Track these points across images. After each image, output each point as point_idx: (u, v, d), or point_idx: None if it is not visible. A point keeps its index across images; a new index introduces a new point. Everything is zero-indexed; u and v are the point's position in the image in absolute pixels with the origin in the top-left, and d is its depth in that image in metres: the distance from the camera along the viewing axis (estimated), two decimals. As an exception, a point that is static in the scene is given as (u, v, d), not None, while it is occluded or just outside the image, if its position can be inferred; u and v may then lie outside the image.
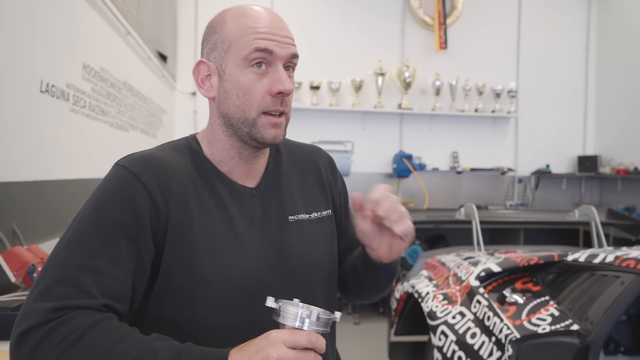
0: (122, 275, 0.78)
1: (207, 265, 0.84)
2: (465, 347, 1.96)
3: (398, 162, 5.15)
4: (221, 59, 0.89)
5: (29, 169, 1.90)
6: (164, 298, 0.84)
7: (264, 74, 0.88)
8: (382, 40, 5.36)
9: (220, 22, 0.91)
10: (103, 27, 2.69)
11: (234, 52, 0.88)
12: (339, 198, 1.10)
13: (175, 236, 0.83)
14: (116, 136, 2.96)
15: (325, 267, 1.00)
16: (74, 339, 0.70)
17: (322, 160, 1.09)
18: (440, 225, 4.80)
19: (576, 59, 5.77)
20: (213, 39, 0.90)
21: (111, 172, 0.86)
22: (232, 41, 0.88)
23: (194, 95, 5.10)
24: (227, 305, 0.85)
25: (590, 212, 3.01)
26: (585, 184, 5.77)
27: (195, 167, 0.91)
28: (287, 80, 0.88)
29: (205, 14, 5.06)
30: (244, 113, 0.88)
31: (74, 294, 0.74)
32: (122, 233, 0.79)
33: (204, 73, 0.92)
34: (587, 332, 1.68)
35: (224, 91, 0.89)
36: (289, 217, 0.97)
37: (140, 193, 0.82)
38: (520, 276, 2.15)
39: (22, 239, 1.76)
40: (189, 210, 0.85)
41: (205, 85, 0.92)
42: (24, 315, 0.73)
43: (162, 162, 0.87)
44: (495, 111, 5.44)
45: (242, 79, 0.88)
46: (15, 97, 1.77)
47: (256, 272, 0.88)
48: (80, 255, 0.77)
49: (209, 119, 0.96)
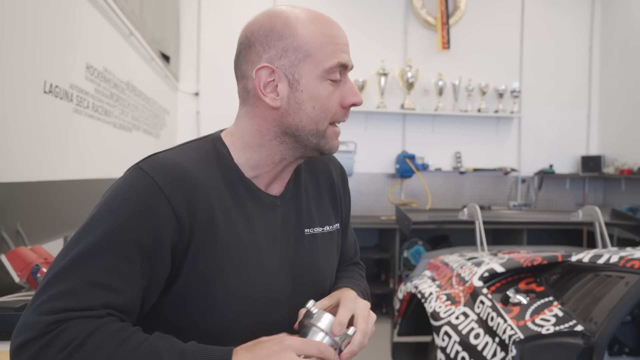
0: (131, 292, 0.76)
1: (227, 281, 0.82)
2: (469, 347, 1.95)
3: (401, 162, 5.15)
4: (294, 68, 0.84)
5: (33, 170, 1.90)
6: (178, 307, 0.82)
7: (337, 85, 0.87)
8: (385, 41, 5.35)
9: (287, 26, 0.85)
10: (106, 27, 2.69)
11: (313, 62, 0.84)
12: (345, 210, 1.08)
13: (198, 253, 0.80)
14: (119, 137, 2.96)
15: (329, 282, 1.00)
16: (77, 345, 0.70)
17: (335, 170, 1.07)
18: (443, 226, 4.79)
19: (579, 59, 5.75)
20: (280, 45, 0.84)
21: (132, 177, 0.80)
22: (310, 50, 0.84)
23: (197, 95, 5.10)
24: (241, 318, 0.84)
25: (594, 213, 3.00)
26: (589, 184, 5.75)
27: (222, 175, 0.86)
28: (358, 92, 0.89)
29: (208, 14, 5.07)
30: (317, 125, 0.86)
31: (77, 307, 0.72)
32: (138, 250, 0.75)
33: (266, 79, 0.85)
34: (592, 332, 1.67)
35: (296, 102, 0.85)
36: (305, 230, 0.95)
37: (164, 209, 0.77)
38: (524, 276, 2.15)
39: (25, 239, 1.76)
40: (214, 225, 0.82)
41: (268, 92, 0.85)
42: (24, 325, 0.71)
43: (189, 173, 0.81)
44: (498, 111, 5.43)
45: (321, 91, 0.85)
46: (19, 97, 1.77)
47: (273, 289, 0.88)
48: (92, 270, 0.74)
49: (250, 124, 0.89)
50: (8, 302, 1.32)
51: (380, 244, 5.20)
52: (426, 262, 2.84)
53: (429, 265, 2.78)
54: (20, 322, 0.72)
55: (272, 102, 0.85)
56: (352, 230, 1.17)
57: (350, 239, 1.14)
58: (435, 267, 2.70)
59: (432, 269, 2.72)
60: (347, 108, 0.88)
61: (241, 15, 4.54)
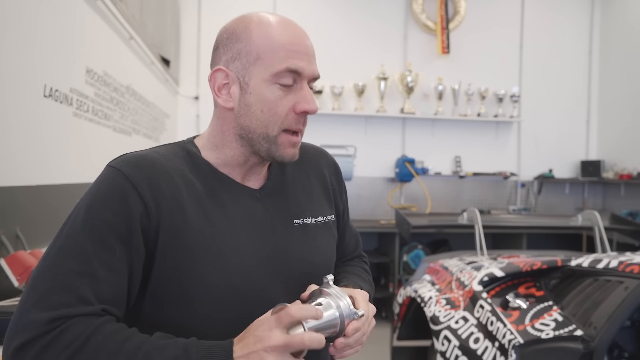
0: (117, 280, 0.77)
1: (204, 269, 0.83)
2: (469, 352, 1.95)
3: (401, 167, 5.15)
4: (244, 70, 0.86)
5: (32, 174, 1.90)
6: (160, 301, 0.83)
7: (289, 90, 0.86)
8: (385, 45, 5.36)
9: (245, 30, 0.87)
10: (106, 31, 2.70)
11: (262, 65, 0.85)
12: (342, 203, 1.09)
13: (168, 240, 0.81)
14: (119, 140, 2.96)
15: (326, 273, 0.99)
16: (80, 344, 0.70)
17: (327, 164, 1.08)
18: (442, 230, 4.79)
19: (579, 64, 5.76)
20: (236, 48, 0.87)
21: (103, 174, 0.84)
22: (260, 54, 0.85)
23: (197, 99, 5.11)
24: (225, 308, 0.84)
25: (593, 217, 3.00)
26: (588, 188, 5.75)
27: (192, 168, 0.88)
28: (312, 100, 0.87)
29: (208, 19, 5.09)
30: (266, 129, 0.87)
31: (71, 301, 0.72)
32: (115, 236, 0.78)
33: (221, 81, 0.88)
34: (591, 337, 1.67)
35: (245, 104, 0.87)
36: (294, 221, 0.95)
37: (131, 195, 0.80)
38: (524, 281, 2.15)
39: (25, 243, 1.76)
40: (184, 212, 0.83)
41: (223, 94, 0.88)
42: (20, 327, 0.71)
43: (154, 163, 0.84)
44: (497, 116, 5.44)
45: (268, 94, 0.85)
46: (19, 101, 1.77)
47: (256, 275, 0.87)
48: (75, 261, 0.75)
49: (215, 124, 0.92)
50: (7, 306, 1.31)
51: (380, 248, 5.20)
52: (426, 266, 2.84)
53: (429, 269, 2.78)
54: (13, 324, 0.72)
55: (225, 104, 0.88)
56: (351, 223, 1.17)
57: (351, 230, 1.16)
58: (434, 271, 2.70)
59: (431, 273, 2.71)
60: (299, 115, 0.87)
61: (241, 19, 4.59)
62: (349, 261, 1.14)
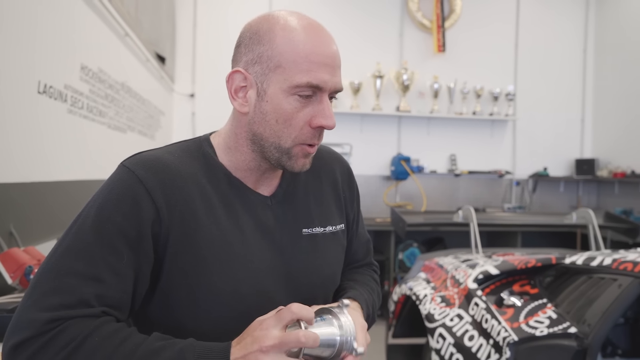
0: (122, 285, 0.76)
1: (212, 278, 0.82)
2: (463, 349, 1.96)
3: (396, 165, 5.16)
4: (264, 76, 0.82)
5: (26, 170, 1.89)
6: (167, 306, 0.82)
7: (308, 102, 0.82)
8: (381, 43, 5.37)
9: (269, 32, 0.82)
10: (101, 28, 2.69)
11: (282, 74, 0.81)
12: (352, 212, 1.06)
13: (179, 246, 0.80)
14: (114, 137, 2.95)
15: (332, 284, 0.98)
16: (75, 346, 0.69)
17: (340, 170, 1.04)
18: (438, 228, 4.80)
19: (574, 62, 5.78)
20: (257, 50, 0.82)
21: (116, 174, 0.82)
22: (282, 62, 0.80)
23: (192, 97, 5.10)
24: (231, 315, 0.83)
25: (587, 215, 3.02)
26: (583, 187, 5.78)
27: (207, 172, 0.86)
28: (331, 115, 0.83)
29: (203, 16, 5.07)
30: (279, 140, 0.83)
31: (72, 303, 0.72)
32: (124, 241, 0.76)
33: (238, 83, 0.84)
34: (585, 334, 1.68)
35: (261, 112, 0.83)
36: (303, 230, 0.93)
37: (144, 200, 0.78)
38: (518, 279, 2.15)
39: (19, 240, 1.75)
40: (196, 219, 0.82)
41: (239, 97, 0.85)
42: (19, 324, 0.71)
43: (169, 167, 0.82)
44: (493, 114, 5.45)
45: (285, 105, 0.81)
46: (12, 98, 1.76)
47: (263, 286, 0.86)
48: (81, 262, 0.74)
49: (231, 125, 0.89)
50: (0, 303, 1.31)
51: (375, 246, 5.16)
52: (421, 264, 2.85)
53: (424, 267, 2.79)
54: (14, 321, 0.72)
55: (240, 108, 0.85)
56: (364, 230, 1.14)
57: (361, 238, 1.12)
58: (430, 269, 2.71)
59: (426, 271, 2.72)
60: (315, 129, 0.84)
61: (237, 17, 4.55)
62: (358, 268, 1.12)
